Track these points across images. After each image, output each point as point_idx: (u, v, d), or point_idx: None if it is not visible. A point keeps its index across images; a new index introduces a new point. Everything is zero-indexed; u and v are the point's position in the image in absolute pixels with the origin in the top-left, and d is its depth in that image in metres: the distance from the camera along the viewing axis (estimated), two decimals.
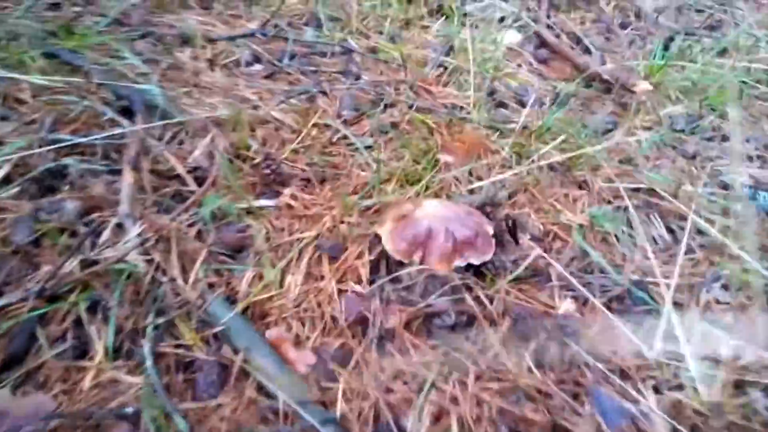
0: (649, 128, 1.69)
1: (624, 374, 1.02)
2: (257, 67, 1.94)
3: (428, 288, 1.09)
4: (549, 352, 1.04)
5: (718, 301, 1.13)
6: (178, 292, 1.11)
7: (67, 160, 1.31)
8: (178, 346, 1.03)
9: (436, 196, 1.35)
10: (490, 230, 1.14)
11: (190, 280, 1.13)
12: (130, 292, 1.08)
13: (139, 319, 1.05)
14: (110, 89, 1.54)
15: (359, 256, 1.18)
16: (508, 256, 1.12)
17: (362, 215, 1.30)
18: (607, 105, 1.77)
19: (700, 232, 1.29)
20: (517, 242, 1.19)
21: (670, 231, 1.30)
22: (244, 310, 1.10)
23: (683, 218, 1.31)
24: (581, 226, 1.28)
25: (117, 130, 1.38)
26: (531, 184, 1.37)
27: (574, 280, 1.13)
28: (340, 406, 0.96)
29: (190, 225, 1.24)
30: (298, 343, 1.06)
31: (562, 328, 1.05)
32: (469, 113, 1.65)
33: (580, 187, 1.41)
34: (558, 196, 1.37)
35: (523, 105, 1.78)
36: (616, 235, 1.28)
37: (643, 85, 1.71)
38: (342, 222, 1.27)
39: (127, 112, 1.49)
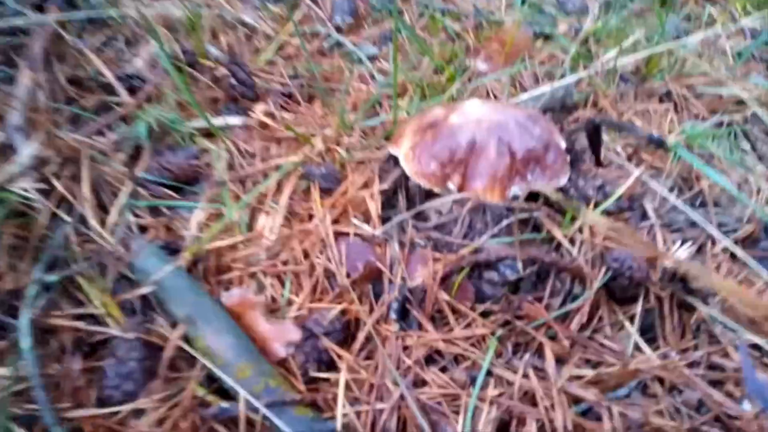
0: (727, 37, 1.31)
1: None
2: None
3: (474, 226, 0.71)
4: (665, 319, 0.67)
5: None
6: (89, 237, 0.73)
7: None
8: (78, 317, 0.65)
9: None
10: (562, 143, 0.76)
11: (109, 221, 0.75)
12: (13, 234, 0.70)
13: (21, 275, 0.66)
14: None
15: (365, 185, 0.80)
16: (590, 181, 0.75)
17: (367, 136, 0.92)
18: (671, 17, 1.38)
19: None
20: (599, 162, 0.81)
21: None
22: (192, 265, 0.72)
23: None
24: (676, 145, 0.90)
25: (18, 22, 0.98)
26: (601, 96, 0.99)
27: (689, 213, 0.76)
28: (341, 411, 0.59)
29: (116, 147, 0.85)
30: (273, 310, 0.68)
31: (681, 283, 0.68)
32: (500, 12, 1.26)
33: (661, 100, 1.04)
34: (636, 110, 0.99)
35: (565, 12, 1.39)
36: (723, 157, 0.90)
37: None
38: (338, 143, 0.89)
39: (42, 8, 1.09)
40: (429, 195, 0.77)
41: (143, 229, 0.77)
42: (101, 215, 0.75)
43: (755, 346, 0.66)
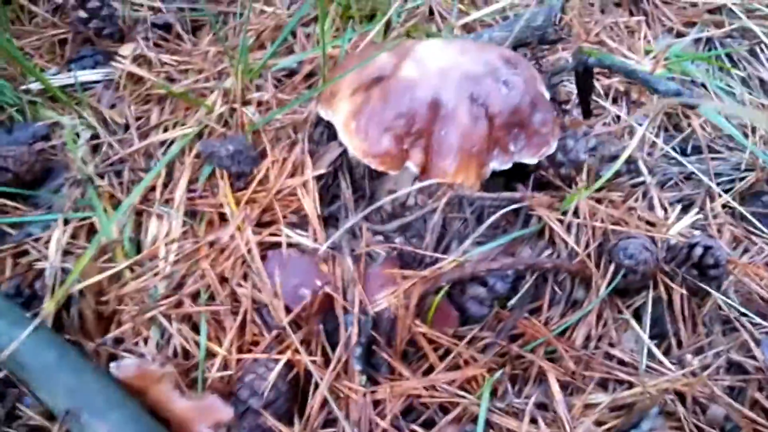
0: None
1: None
2: None
3: (450, 226, 0.54)
4: (675, 311, 0.56)
5: None
6: None
7: None
8: None
9: (409, 37, 0.76)
10: (546, 91, 0.58)
11: None
12: None
13: None
14: None
15: (293, 170, 0.59)
16: (580, 140, 0.58)
17: (282, 86, 0.69)
18: None
19: None
20: (588, 113, 0.64)
21: None
22: (59, 315, 0.50)
23: None
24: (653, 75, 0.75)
25: None
26: (565, 13, 0.81)
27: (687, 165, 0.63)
28: None
29: None
30: (188, 372, 0.49)
31: (690, 264, 0.56)
32: None
33: (631, 12, 0.87)
34: (603, 26, 0.82)
35: None
36: (708, 85, 0.77)
37: None
38: (246, 102, 0.66)
39: None
40: (380, 176, 0.58)
41: None
42: None
43: None
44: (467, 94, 0.54)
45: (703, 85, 0.77)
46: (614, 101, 0.72)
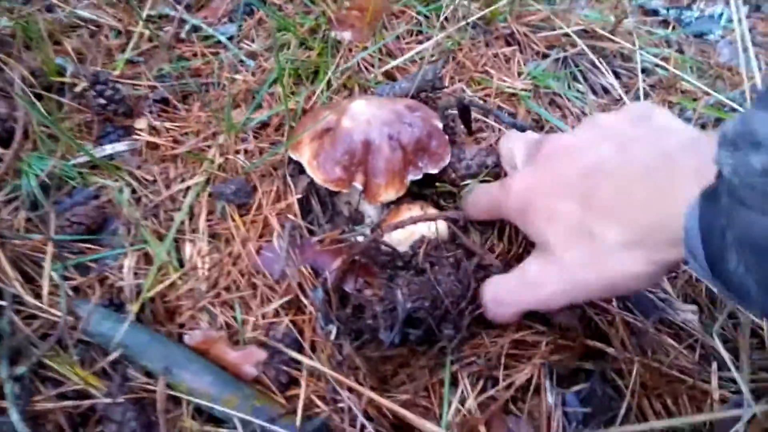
0: None
1: None
2: None
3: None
4: None
5: None
6: (33, 314, 0.75)
7: None
8: (62, 396, 0.69)
9: (345, 88, 1.04)
10: (440, 124, 0.88)
11: (44, 293, 0.76)
12: None
13: None
14: None
15: (279, 197, 0.87)
16: (465, 152, 0.88)
17: (260, 136, 0.96)
18: None
19: (644, 70, 1.13)
20: (470, 131, 0.94)
21: (617, 76, 1.12)
22: (141, 313, 0.77)
23: (627, 58, 1.14)
24: (524, 91, 1.05)
25: None
26: (455, 49, 1.10)
27: None
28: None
29: (13, 210, 0.83)
30: (232, 335, 0.77)
31: None
32: None
33: (508, 43, 1.17)
34: (487, 58, 1.12)
35: None
36: (563, 94, 1.07)
37: None
38: (237, 152, 0.93)
39: None
40: (338, 193, 0.86)
41: (77, 290, 0.79)
42: (34, 289, 0.76)
43: None
44: (386, 134, 0.83)
45: (560, 95, 1.08)
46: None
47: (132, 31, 1.12)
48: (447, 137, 0.88)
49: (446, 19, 1.17)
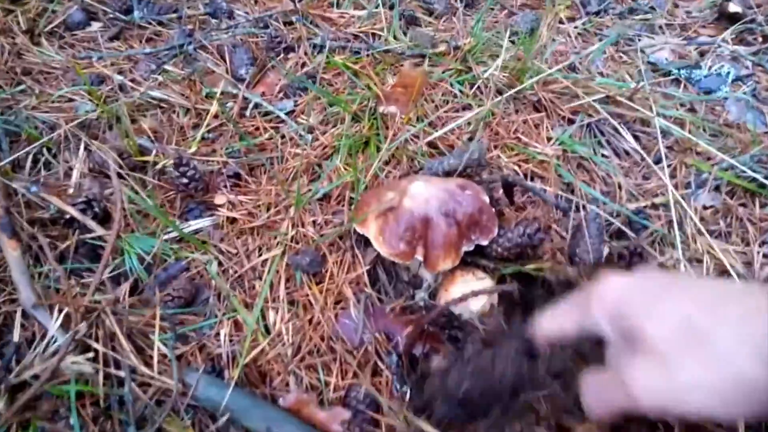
0: (571, 18, 1.58)
1: None
2: (95, 26, 1.50)
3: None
4: None
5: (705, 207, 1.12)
6: (147, 382, 0.87)
7: None
8: None
9: (394, 158, 1.16)
10: (487, 198, 1.00)
11: (155, 362, 0.88)
12: (88, 408, 0.82)
13: None
14: None
15: (350, 266, 0.99)
16: (511, 225, 0.99)
17: (325, 208, 1.09)
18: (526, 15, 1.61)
19: (661, 132, 1.25)
20: (512, 203, 1.06)
21: (637, 139, 1.24)
22: (238, 379, 0.89)
23: (645, 122, 1.26)
24: (554, 157, 1.17)
25: None
26: (489, 119, 1.23)
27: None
28: None
29: (121, 288, 0.95)
30: (318, 398, 0.89)
31: None
32: (387, 41, 1.41)
33: (536, 109, 1.29)
34: (518, 125, 1.24)
35: (433, 14, 1.57)
36: (590, 158, 1.19)
37: None
38: (305, 224, 1.05)
39: None
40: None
41: (179, 357, 0.91)
42: (145, 359, 0.88)
43: None
44: (443, 211, 0.95)
45: (587, 159, 1.20)
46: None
47: (199, 108, 1.25)
48: (494, 210, 1.00)
49: (479, 89, 1.30)
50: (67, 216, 1.00)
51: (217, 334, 0.93)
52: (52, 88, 1.30)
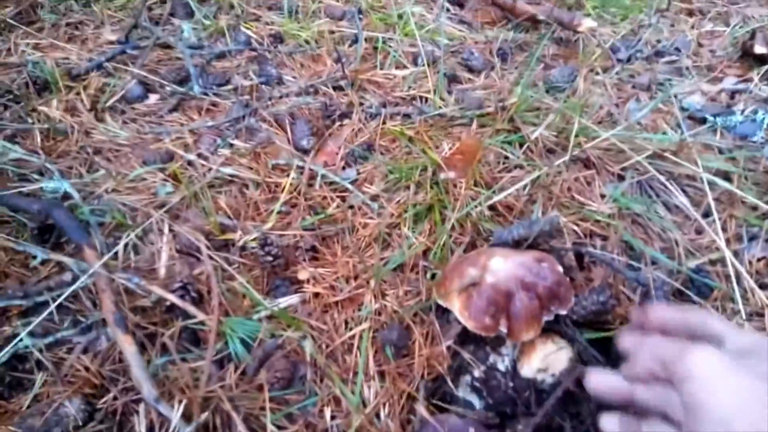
0: (605, 69, 1.65)
1: None
2: (153, 99, 1.57)
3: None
4: None
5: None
6: None
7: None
8: None
9: (460, 224, 1.23)
10: (561, 269, 1.07)
11: None
12: None
13: None
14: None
15: (433, 340, 1.06)
16: (583, 293, 1.07)
17: (402, 279, 1.16)
18: (551, 49, 1.69)
19: (708, 183, 1.32)
20: (582, 268, 1.13)
21: (685, 193, 1.31)
22: None
23: (691, 177, 1.33)
24: (610, 216, 1.24)
25: (64, 277, 1.05)
26: (543, 180, 1.30)
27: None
28: None
29: (221, 368, 1.02)
30: None
31: None
32: (435, 104, 1.48)
33: (586, 166, 1.37)
34: (570, 183, 1.32)
35: (472, 70, 1.64)
36: (644, 215, 1.27)
37: (587, 23, 1.64)
38: (384, 295, 1.12)
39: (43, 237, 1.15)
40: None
41: None
42: None
43: None
44: (523, 286, 1.02)
45: (641, 216, 1.27)
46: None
47: (268, 181, 1.32)
48: (568, 279, 1.07)
49: (528, 148, 1.37)
50: (167, 303, 1.07)
51: (321, 411, 1.00)
52: (123, 166, 1.37)
